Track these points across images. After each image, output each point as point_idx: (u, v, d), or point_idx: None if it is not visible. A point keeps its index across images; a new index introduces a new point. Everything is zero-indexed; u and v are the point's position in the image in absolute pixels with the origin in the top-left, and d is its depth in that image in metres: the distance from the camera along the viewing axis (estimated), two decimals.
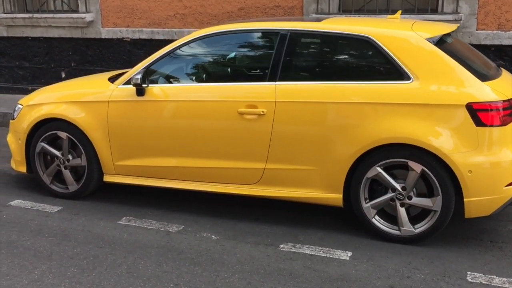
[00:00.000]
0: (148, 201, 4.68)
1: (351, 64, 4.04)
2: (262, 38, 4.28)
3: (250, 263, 3.57)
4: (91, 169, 4.60)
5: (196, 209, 4.50)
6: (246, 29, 4.29)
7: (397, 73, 3.73)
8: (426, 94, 3.62)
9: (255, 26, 4.27)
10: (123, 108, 4.40)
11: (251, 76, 4.26)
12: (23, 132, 4.76)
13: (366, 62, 3.97)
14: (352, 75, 3.94)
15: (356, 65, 4.02)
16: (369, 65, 3.95)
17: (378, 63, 3.85)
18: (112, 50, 8.20)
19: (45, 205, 4.63)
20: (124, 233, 4.05)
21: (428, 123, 3.60)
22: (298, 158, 3.95)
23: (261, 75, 4.12)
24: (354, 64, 4.04)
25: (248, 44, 4.34)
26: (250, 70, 4.30)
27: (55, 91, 4.85)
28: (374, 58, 3.87)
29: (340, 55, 4.10)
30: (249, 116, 4.01)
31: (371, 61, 3.91)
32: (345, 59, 4.07)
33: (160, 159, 4.36)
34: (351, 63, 4.05)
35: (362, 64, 4.00)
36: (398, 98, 3.67)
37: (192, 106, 4.18)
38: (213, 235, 4.01)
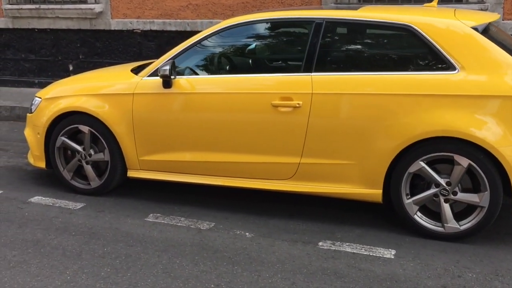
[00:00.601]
0: (173, 197, 4.52)
1: (391, 54, 3.89)
2: (295, 28, 4.12)
3: (291, 262, 3.42)
4: (114, 164, 4.43)
5: (224, 205, 4.34)
6: (277, 18, 4.12)
7: (441, 63, 3.58)
8: (473, 85, 3.48)
9: (287, 15, 4.10)
10: (148, 101, 4.23)
11: (284, 67, 4.10)
12: (43, 126, 4.58)
13: (407, 52, 3.81)
14: (392, 65, 3.78)
15: (396, 55, 3.87)
16: (410, 55, 3.79)
17: (420, 53, 3.70)
18: (122, 42, 8.00)
19: (67, 201, 4.46)
20: (154, 231, 3.89)
21: (476, 115, 3.45)
22: (336, 152, 3.80)
23: (295, 66, 3.97)
24: (394, 54, 3.88)
25: (280, 34, 4.18)
26: (283, 61, 4.15)
27: (75, 83, 4.67)
28: (415, 48, 3.72)
29: (379, 44, 3.95)
30: (283, 108, 3.85)
31: (413, 50, 3.76)
32: (384, 48, 3.91)
33: (188, 153, 4.20)
34: (391, 53, 3.90)
35: (403, 54, 3.85)
36: (443, 89, 3.52)
37: (222, 98, 4.02)
38: (246, 233, 3.85)
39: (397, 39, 3.82)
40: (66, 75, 8.33)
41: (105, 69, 5.28)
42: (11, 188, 4.78)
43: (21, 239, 3.77)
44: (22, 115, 7.53)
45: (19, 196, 4.57)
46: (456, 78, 3.51)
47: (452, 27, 3.61)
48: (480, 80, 3.47)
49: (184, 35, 7.39)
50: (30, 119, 4.77)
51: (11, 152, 5.90)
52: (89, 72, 5.22)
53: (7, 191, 4.69)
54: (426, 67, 3.66)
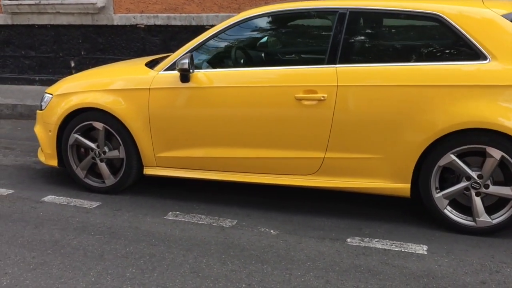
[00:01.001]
0: (191, 194, 4.41)
1: (419, 44, 3.79)
2: (317, 18, 4.01)
3: (322, 260, 3.32)
4: (130, 162, 4.31)
5: (245, 202, 4.23)
6: (299, 9, 4.00)
7: (472, 52, 3.48)
8: (506, 74, 3.38)
9: (308, 5, 3.98)
10: (166, 96, 4.11)
11: (307, 59, 4.00)
12: (54, 123, 4.44)
13: (436, 42, 3.72)
14: (420, 55, 3.69)
15: (424, 45, 3.77)
16: (439, 44, 3.70)
17: (449, 43, 3.61)
18: (125, 38, 7.86)
19: (81, 200, 4.33)
20: (175, 229, 3.78)
21: (509, 106, 3.35)
22: (362, 146, 3.70)
23: (319, 58, 3.85)
24: (422, 44, 3.78)
25: (302, 25, 4.07)
26: (306, 53, 4.05)
27: (88, 79, 4.54)
28: (444, 37, 3.62)
29: (406, 34, 3.85)
30: (307, 101, 3.74)
31: (441, 40, 3.66)
32: (412, 38, 3.82)
33: (207, 149, 4.08)
34: (419, 42, 3.80)
35: (431, 43, 3.75)
36: (474, 80, 3.42)
37: (243, 92, 3.90)
38: (271, 230, 3.75)
39: (425, 28, 3.72)
40: (68, 72, 8.19)
41: (118, 64, 5.15)
42: (22, 187, 4.64)
43: (38, 240, 3.64)
44: (24, 113, 7.39)
45: (32, 196, 4.44)
46: (488, 67, 3.42)
47: (481, 15, 3.52)
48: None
49: (189, 29, 7.29)
50: (40, 116, 4.63)
51: (18, 151, 5.76)
52: (101, 67, 5.08)
53: (19, 191, 4.56)
54: (455, 57, 3.57)
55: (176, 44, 7.43)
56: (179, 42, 7.45)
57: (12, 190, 4.58)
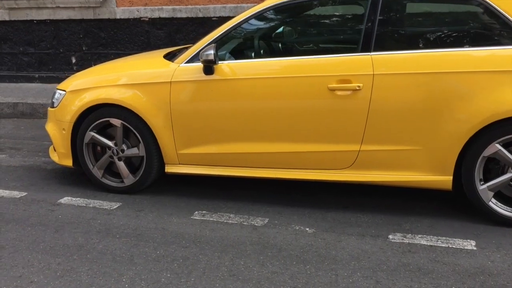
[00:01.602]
0: (216, 192, 4.21)
1: (459, 28, 3.60)
2: (349, 4, 3.80)
3: (366, 258, 3.14)
4: (150, 160, 4.10)
5: (273, 199, 4.04)
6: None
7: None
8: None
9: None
10: (188, 89, 3.90)
11: (339, 47, 3.81)
12: (69, 121, 4.22)
13: (477, 26, 3.55)
14: (461, 41, 3.51)
15: (466, 29, 3.58)
16: (480, 28, 3.52)
17: (491, 27, 3.43)
18: (128, 32, 7.62)
19: (100, 201, 4.12)
20: (205, 230, 3.58)
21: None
22: (400, 137, 3.52)
23: (352, 45, 3.66)
24: (463, 28, 3.60)
25: (333, 12, 3.87)
26: (338, 41, 3.85)
27: (103, 73, 4.31)
28: (486, 21, 3.45)
29: (445, 18, 3.66)
30: (341, 92, 3.55)
31: (483, 24, 3.49)
32: (451, 22, 3.63)
33: (233, 145, 3.88)
34: (460, 27, 3.61)
35: (472, 27, 3.57)
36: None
37: (271, 83, 3.70)
38: (306, 228, 3.56)
39: (466, 11, 3.53)
40: (69, 68, 7.95)
41: (134, 57, 4.92)
42: (35, 189, 4.42)
43: (61, 245, 3.43)
44: (26, 112, 7.15)
45: (47, 198, 4.22)
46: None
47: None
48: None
49: (196, 22, 7.07)
50: (52, 114, 4.40)
51: (25, 151, 5.53)
52: (116, 61, 4.85)
53: (32, 193, 4.33)
54: (498, 42, 3.39)
55: (182, 37, 7.22)
56: (185, 35, 7.25)
57: (25, 192, 4.35)
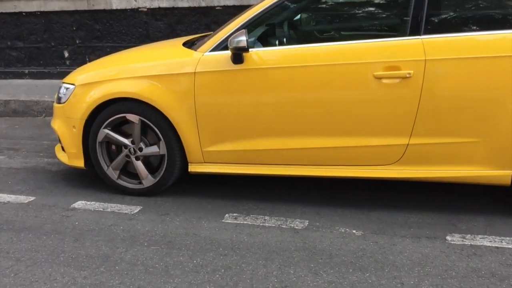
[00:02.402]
0: (243, 192, 3.88)
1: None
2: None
3: (430, 264, 2.84)
4: (172, 159, 3.74)
5: (307, 198, 3.73)
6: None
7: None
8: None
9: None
10: (215, 80, 3.55)
11: (384, 31, 3.50)
12: (80, 117, 3.84)
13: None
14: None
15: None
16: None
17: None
18: (125, 23, 7.21)
19: (118, 205, 3.75)
20: (241, 234, 3.24)
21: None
22: (455, 129, 3.22)
23: (399, 28, 3.37)
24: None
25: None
26: (383, 24, 3.52)
27: (118, 64, 3.93)
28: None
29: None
30: (389, 80, 3.24)
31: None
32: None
33: (265, 140, 3.54)
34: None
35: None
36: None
37: (310, 72, 3.37)
38: (353, 230, 3.25)
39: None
40: (61, 63, 7.52)
41: (150, 47, 4.55)
42: (43, 193, 4.03)
43: (84, 255, 3.06)
44: (19, 110, 6.72)
45: (58, 202, 3.84)
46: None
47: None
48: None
49: (198, 11, 6.71)
50: (60, 111, 4.01)
51: (24, 152, 5.11)
52: (130, 51, 4.46)
53: (41, 197, 3.94)
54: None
55: (184, 29, 6.85)
56: (186, 26, 6.88)
57: (32, 196, 3.96)
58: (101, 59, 4.37)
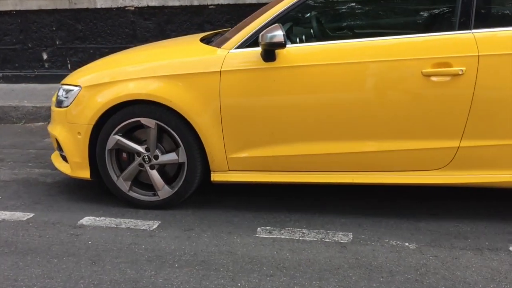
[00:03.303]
0: (267, 202, 3.55)
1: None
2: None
3: (504, 279, 2.56)
4: (193, 167, 3.37)
5: (340, 207, 3.43)
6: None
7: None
8: None
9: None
10: (243, 80, 3.21)
11: (431, 24, 3.20)
12: (87, 122, 3.43)
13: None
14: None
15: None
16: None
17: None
18: (110, 23, 6.77)
19: (133, 220, 3.36)
20: (283, 251, 2.90)
21: None
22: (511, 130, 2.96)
23: (446, 22, 3.09)
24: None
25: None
26: (429, 17, 3.24)
27: (130, 64, 3.54)
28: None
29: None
30: (438, 77, 2.96)
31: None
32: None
33: (300, 145, 3.22)
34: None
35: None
36: None
37: (351, 70, 3.06)
38: (405, 243, 2.95)
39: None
40: (39, 65, 7.04)
41: (164, 43, 4.17)
42: (42, 208, 3.59)
43: (108, 281, 2.66)
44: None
45: (62, 219, 3.41)
46: None
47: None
48: None
49: (190, 10, 6.36)
50: (62, 115, 3.58)
51: (10, 162, 4.63)
52: (142, 49, 4.06)
53: (40, 213, 3.51)
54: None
55: (174, 29, 6.48)
56: (177, 25, 6.50)
57: (30, 213, 3.52)
58: (107, 58, 3.96)
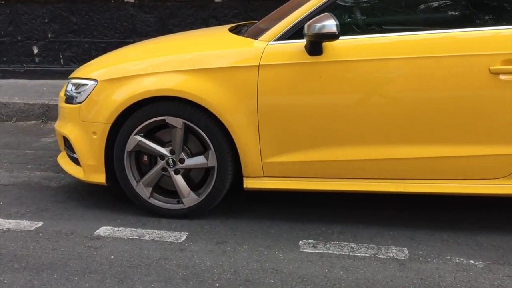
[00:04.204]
0: (302, 211, 3.21)
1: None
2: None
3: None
4: (223, 172, 3.02)
5: (381, 217, 3.11)
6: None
7: None
8: None
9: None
10: (285, 76, 2.87)
11: (501, 16, 2.90)
12: (104, 121, 3.05)
13: None
14: None
15: None
16: None
17: None
18: (108, 16, 6.35)
19: (156, 231, 2.99)
20: (335, 269, 2.57)
21: None
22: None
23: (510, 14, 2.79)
24: None
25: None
26: (499, 7, 2.94)
27: (154, 56, 3.17)
28: None
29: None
30: (507, 76, 2.66)
31: None
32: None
33: (347, 149, 2.89)
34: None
35: None
36: None
37: (407, 66, 2.75)
38: (470, 260, 2.65)
39: None
40: (29, 60, 6.60)
41: (188, 34, 3.81)
42: (51, 216, 3.20)
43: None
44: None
45: (76, 229, 3.02)
46: None
47: None
48: None
49: (195, 4, 6.02)
50: (74, 113, 3.20)
51: (6, 164, 4.21)
52: (165, 39, 3.70)
53: (50, 223, 3.12)
54: None
55: (177, 23, 6.11)
56: (180, 20, 6.14)
57: (38, 221, 3.13)
58: (124, 48, 3.60)
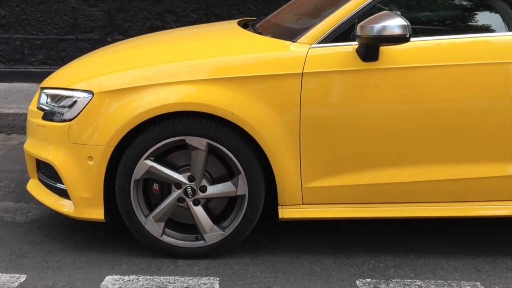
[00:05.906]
0: (338, 240, 2.77)
1: None
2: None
3: None
4: (255, 200, 2.52)
5: (433, 246, 2.74)
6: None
7: None
8: None
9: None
10: (335, 85, 2.44)
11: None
12: (105, 143, 2.44)
13: None
14: None
15: None
16: None
17: None
18: (44, 8, 5.52)
19: (177, 278, 2.43)
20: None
21: None
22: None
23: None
24: None
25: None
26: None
27: (166, 60, 2.58)
28: None
29: None
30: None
31: None
32: None
33: (402, 170, 2.50)
34: None
35: None
36: None
37: (483, 72, 2.41)
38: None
39: None
40: None
41: (201, 30, 3.23)
42: (35, 265, 2.53)
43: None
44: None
45: (75, 282, 2.38)
46: None
47: None
48: None
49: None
50: (60, 132, 2.54)
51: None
52: (174, 37, 3.10)
53: (38, 275, 2.45)
54: None
55: (128, 18, 5.45)
56: (131, 15, 5.48)
57: (21, 274, 2.45)
58: (115, 50, 2.94)
